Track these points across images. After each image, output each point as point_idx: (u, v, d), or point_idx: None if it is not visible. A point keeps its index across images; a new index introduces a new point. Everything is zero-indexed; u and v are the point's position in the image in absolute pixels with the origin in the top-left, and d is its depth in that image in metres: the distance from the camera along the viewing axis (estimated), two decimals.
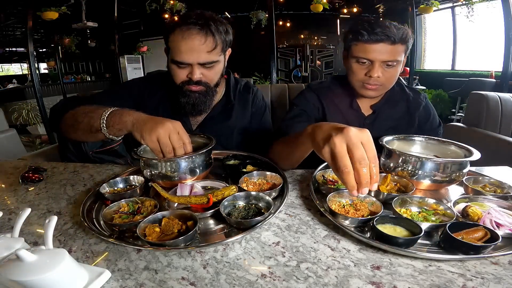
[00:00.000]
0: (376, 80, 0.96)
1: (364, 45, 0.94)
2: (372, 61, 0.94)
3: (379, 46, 0.92)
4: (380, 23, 0.92)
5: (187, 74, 0.96)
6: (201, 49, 0.90)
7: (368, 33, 0.92)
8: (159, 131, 0.72)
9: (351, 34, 0.97)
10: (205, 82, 0.98)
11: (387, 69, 0.96)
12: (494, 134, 1.82)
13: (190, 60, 0.92)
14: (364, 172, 0.52)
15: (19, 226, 0.51)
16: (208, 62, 0.94)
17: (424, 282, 0.47)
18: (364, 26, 0.93)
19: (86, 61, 10.85)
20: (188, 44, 0.89)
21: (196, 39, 0.89)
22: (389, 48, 0.92)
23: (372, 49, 0.93)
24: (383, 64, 0.95)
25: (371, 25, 0.92)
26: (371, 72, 0.95)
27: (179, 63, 0.93)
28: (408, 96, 1.12)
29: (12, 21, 6.97)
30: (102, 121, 0.80)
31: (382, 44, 0.92)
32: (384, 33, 0.90)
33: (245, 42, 8.03)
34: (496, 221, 0.58)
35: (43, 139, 4.38)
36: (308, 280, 0.48)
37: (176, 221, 0.59)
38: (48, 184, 0.87)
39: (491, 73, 5.33)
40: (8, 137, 2.47)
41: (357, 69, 0.99)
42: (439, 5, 5.38)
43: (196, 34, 0.89)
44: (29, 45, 3.90)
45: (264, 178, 0.80)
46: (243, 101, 1.16)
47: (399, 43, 0.92)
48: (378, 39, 0.91)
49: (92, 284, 0.45)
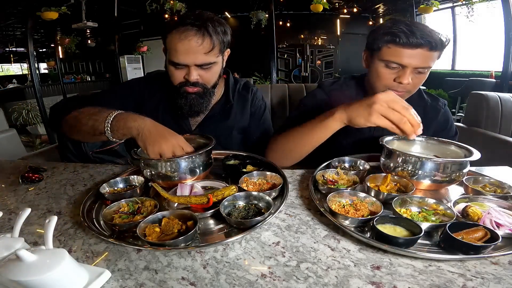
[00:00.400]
0: (404, 87, 0.90)
1: (399, 49, 0.85)
2: (405, 66, 0.87)
3: (416, 52, 0.84)
4: (419, 26, 0.84)
5: (184, 75, 0.95)
6: (198, 50, 0.90)
7: (406, 36, 0.83)
8: (163, 147, 0.74)
9: (385, 35, 0.87)
10: (202, 84, 0.98)
11: (416, 76, 0.89)
12: (494, 134, 1.82)
13: (187, 61, 0.91)
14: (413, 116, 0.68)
15: (19, 226, 0.51)
16: (205, 63, 0.93)
17: (424, 282, 0.47)
18: (402, 28, 0.84)
19: (86, 61, 10.85)
20: (184, 45, 0.88)
21: (193, 40, 0.88)
22: (427, 54, 0.84)
23: (408, 54, 0.85)
24: (414, 70, 0.88)
25: (410, 28, 0.83)
26: (402, 78, 0.88)
27: (176, 64, 0.93)
28: (425, 103, 1.07)
29: (12, 21, 6.96)
30: (107, 125, 0.80)
31: (420, 50, 0.84)
32: (424, 38, 0.82)
33: (245, 42, 8.03)
34: (496, 221, 0.58)
35: (43, 139, 4.38)
36: (308, 280, 0.48)
37: (176, 221, 0.59)
38: (48, 184, 0.87)
39: (491, 73, 5.33)
40: (8, 137, 2.47)
41: (385, 73, 0.91)
42: (439, 5, 5.38)
43: (193, 35, 0.88)
44: (29, 45, 3.91)
45: (264, 178, 0.80)
46: (242, 101, 1.16)
47: (437, 50, 0.85)
48: (418, 44, 0.83)
49: (92, 284, 0.45)
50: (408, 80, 0.87)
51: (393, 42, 0.86)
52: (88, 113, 0.86)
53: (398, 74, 0.89)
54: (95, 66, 10.96)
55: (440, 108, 1.08)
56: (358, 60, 4.50)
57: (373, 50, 0.93)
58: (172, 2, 5.55)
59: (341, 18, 8.38)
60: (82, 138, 0.92)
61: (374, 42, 0.92)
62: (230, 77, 1.18)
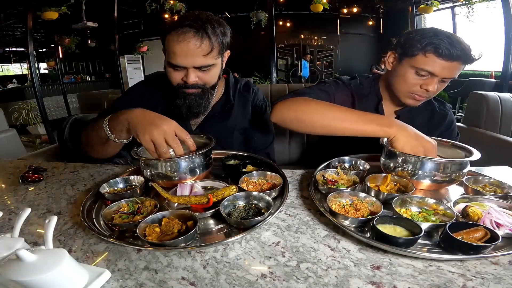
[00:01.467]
0: (427, 93, 0.92)
1: (437, 60, 0.86)
2: (435, 75, 0.89)
3: (452, 64, 0.86)
4: (458, 39, 0.86)
5: (182, 77, 0.95)
6: (196, 53, 0.88)
7: (448, 48, 0.84)
8: (154, 134, 0.72)
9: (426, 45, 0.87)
10: (201, 85, 0.97)
11: (440, 84, 0.92)
12: (494, 134, 1.82)
13: (185, 63, 0.91)
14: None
15: (19, 226, 0.51)
16: (203, 65, 0.92)
17: (424, 282, 0.47)
18: (444, 40, 0.85)
19: (86, 61, 10.84)
20: (183, 47, 0.87)
21: (191, 43, 0.87)
22: (459, 67, 0.87)
23: (443, 65, 0.86)
24: (440, 80, 0.91)
25: (451, 40, 0.84)
26: (429, 86, 0.90)
27: (174, 66, 0.92)
28: (433, 107, 1.10)
29: (12, 21, 6.96)
30: (105, 127, 0.81)
31: (455, 63, 0.86)
32: (464, 52, 0.84)
33: (245, 42, 8.03)
34: (496, 221, 0.58)
35: (43, 139, 4.38)
36: (308, 280, 0.48)
37: (176, 221, 0.59)
38: (48, 184, 0.87)
39: (491, 73, 5.34)
40: (8, 137, 2.47)
41: (413, 79, 0.92)
42: (439, 5, 5.39)
43: (191, 37, 0.87)
44: (29, 45, 3.91)
45: (264, 178, 0.80)
46: (243, 101, 1.16)
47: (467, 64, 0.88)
48: (456, 57, 0.85)
49: (92, 284, 0.45)
50: (435, 88, 0.90)
51: (434, 52, 0.86)
52: (91, 127, 0.89)
53: (426, 81, 0.90)
54: (95, 66, 10.95)
55: (447, 112, 1.10)
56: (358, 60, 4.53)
57: (405, 55, 0.93)
58: (172, 2, 5.55)
59: (341, 18, 8.38)
60: (101, 152, 0.94)
61: (410, 48, 0.91)
62: (230, 77, 1.17)
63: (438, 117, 1.09)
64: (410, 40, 0.91)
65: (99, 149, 0.91)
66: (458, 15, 6.51)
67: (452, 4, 6.44)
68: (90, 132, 0.89)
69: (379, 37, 8.56)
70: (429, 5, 5.21)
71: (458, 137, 1.12)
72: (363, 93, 1.08)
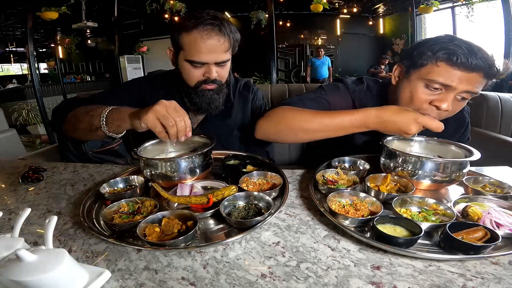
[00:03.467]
0: (439, 113, 0.78)
1: (451, 69, 0.73)
2: (450, 89, 0.74)
3: (470, 76, 0.72)
4: (478, 47, 0.73)
5: (203, 74, 0.96)
6: (219, 49, 0.92)
7: (465, 56, 0.70)
8: (156, 108, 0.72)
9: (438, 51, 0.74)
10: (219, 80, 1.00)
11: (458, 102, 0.77)
12: (494, 134, 1.82)
13: (209, 60, 0.93)
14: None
15: (19, 226, 0.51)
16: (223, 61, 0.95)
17: (424, 282, 0.47)
18: (461, 46, 0.72)
19: (86, 61, 10.84)
20: (208, 45, 0.90)
21: (216, 40, 0.90)
22: (479, 80, 0.73)
23: (460, 76, 0.72)
24: (458, 96, 0.75)
25: (470, 47, 0.72)
26: (442, 102, 0.75)
27: (196, 63, 0.93)
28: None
29: (12, 21, 6.96)
30: (102, 118, 0.81)
31: (475, 74, 0.72)
32: (485, 61, 0.71)
33: (245, 42, 8.01)
34: (496, 221, 0.58)
35: (43, 139, 4.38)
36: (308, 280, 0.48)
37: (176, 221, 0.59)
38: (48, 184, 0.87)
39: None
40: (8, 137, 2.47)
41: (423, 94, 0.78)
42: (439, 5, 5.39)
43: (215, 35, 0.90)
44: (29, 45, 3.91)
45: (264, 178, 0.80)
46: (243, 100, 1.16)
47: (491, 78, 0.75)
48: (475, 67, 0.70)
49: (92, 284, 0.45)
50: (449, 106, 0.75)
51: (447, 60, 0.73)
52: (85, 110, 0.88)
53: (439, 97, 0.76)
54: (95, 66, 10.95)
55: (465, 118, 1.03)
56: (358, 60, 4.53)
57: (414, 65, 0.80)
58: (172, 2, 5.55)
59: (341, 18, 8.38)
60: (80, 135, 0.94)
61: (419, 56, 0.78)
62: (230, 76, 1.18)
63: (455, 123, 1.00)
64: (420, 47, 0.79)
65: (84, 133, 0.90)
66: (458, 15, 6.51)
67: (452, 4, 6.44)
68: (82, 116, 0.88)
69: (379, 37, 8.56)
70: (429, 5, 5.22)
71: (468, 141, 1.03)
72: (368, 101, 0.96)
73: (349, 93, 1.00)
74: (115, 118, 0.81)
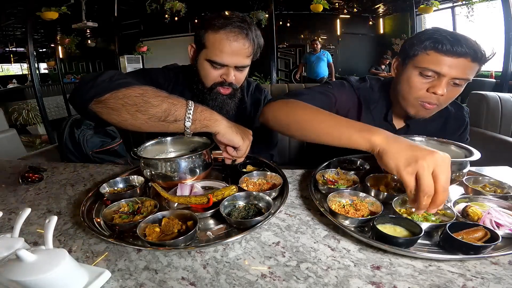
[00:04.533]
0: (437, 98, 0.83)
1: (440, 56, 0.79)
2: (442, 76, 0.80)
3: (458, 61, 0.78)
4: (463, 35, 0.80)
5: (221, 75, 0.95)
6: (243, 53, 0.91)
7: (451, 43, 0.77)
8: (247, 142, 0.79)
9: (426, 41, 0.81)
10: (235, 85, 0.98)
11: (452, 88, 0.83)
12: (494, 134, 1.82)
13: (230, 62, 0.91)
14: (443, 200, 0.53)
15: (19, 226, 0.51)
16: (244, 65, 0.95)
17: (424, 282, 0.47)
18: (446, 35, 0.79)
19: (86, 61, 10.84)
20: (232, 47, 0.89)
21: (241, 43, 0.90)
22: (468, 65, 0.78)
23: (449, 62, 0.78)
24: (450, 81, 0.81)
25: (455, 36, 0.79)
26: (437, 88, 0.80)
27: (216, 63, 0.92)
28: (449, 113, 1.02)
29: (12, 21, 6.96)
30: (188, 112, 0.69)
31: (462, 60, 0.78)
32: (470, 47, 0.77)
33: None
34: (496, 221, 0.58)
35: (43, 139, 4.38)
36: (308, 280, 0.48)
37: (176, 221, 0.59)
38: (48, 184, 0.87)
39: (491, 73, 5.33)
40: (8, 137, 2.47)
41: (418, 83, 0.84)
42: (439, 5, 5.39)
43: (242, 39, 0.89)
44: (29, 45, 3.91)
45: (264, 178, 0.80)
46: (255, 102, 1.17)
47: (479, 62, 0.80)
48: (461, 53, 0.77)
49: (92, 284, 0.45)
50: (443, 91, 0.80)
51: (434, 48, 0.79)
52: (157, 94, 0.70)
53: (433, 83, 0.82)
54: (95, 66, 10.94)
55: (465, 118, 1.04)
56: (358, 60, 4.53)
57: (408, 56, 0.86)
58: (172, 2, 5.55)
59: (341, 18, 8.37)
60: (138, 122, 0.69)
61: (411, 47, 0.85)
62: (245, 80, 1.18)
63: (456, 123, 1.02)
64: (411, 39, 0.86)
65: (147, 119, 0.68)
66: (458, 15, 6.50)
67: (452, 4, 6.44)
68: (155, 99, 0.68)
69: (379, 37, 8.56)
70: (429, 5, 5.21)
71: (467, 141, 1.04)
72: (372, 99, 1.00)
73: (353, 90, 1.01)
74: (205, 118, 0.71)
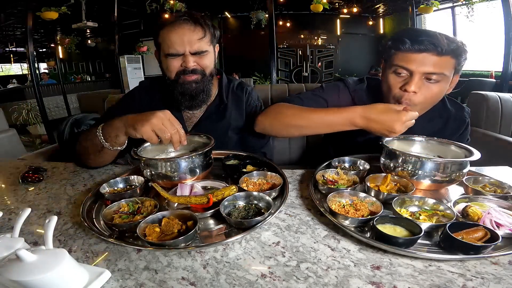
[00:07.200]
0: (411, 96, 0.84)
1: (405, 54, 0.83)
2: (412, 72, 0.83)
3: (422, 56, 0.80)
4: (427, 32, 0.82)
5: (181, 63, 0.98)
6: (192, 37, 0.94)
7: (411, 40, 0.81)
8: (152, 120, 0.75)
9: (392, 41, 0.87)
10: (201, 70, 1.00)
11: (428, 85, 0.84)
12: (494, 134, 1.82)
13: (182, 48, 0.94)
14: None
15: (19, 226, 0.51)
16: (199, 51, 0.97)
17: (424, 282, 0.47)
18: (408, 33, 0.83)
19: (86, 61, 10.84)
20: (178, 33, 0.93)
21: (186, 28, 0.94)
22: (434, 59, 0.80)
23: (413, 58, 0.81)
24: (424, 78, 0.83)
25: (416, 33, 0.83)
26: (408, 85, 0.83)
27: (172, 54, 0.95)
28: (449, 113, 1.02)
29: (12, 21, 6.97)
30: (99, 135, 0.82)
31: (425, 54, 0.80)
32: (430, 42, 0.79)
33: (245, 42, 8.02)
34: (496, 221, 0.58)
35: (43, 139, 4.38)
36: (308, 280, 0.48)
37: (176, 221, 0.59)
38: (48, 184, 0.87)
39: (491, 73, 5.34)
40: (8, 137, 2.47)
41: (393, 81, 0.87)
42: (439, 5, 5.39)
43: (186, 25, 0.94)
44: (29, 45, 3.91)
45: (264, 178, 0.80)
46: (237, 101, 1.16)
47: (448, 55, 0.80)
48: (422, 49, 0.80)
49: (92, 284, 0.45)
50: (413, 88, 0.82)
51: (398, 47, 0.84)
52: (85, 136, 0.90)
53: (406, 81, 0.85)
54: (95, 66, 10.95)
55: (466, 118, 1.04)
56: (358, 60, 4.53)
57: (385, 57, 0.91)
58: (172, 2, 5.55)
59: (341, 18, 8.37)
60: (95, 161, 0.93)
61: (385, 48, 0.90)
62: (223, 77, 1.18)
63: (456, 123, 1.02)
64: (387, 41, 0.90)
65: (95, 158, 0.91)
66: (458, 15, 6.51)
67: (452, 4, 6.44)
68: (85, 142, 0.89)
69: (379, 37, 8.56)
70: (429, 5, 5.21)
71: (468, 142, 1.04)
72: (368, 99, 1.01)
73: (349, 92, 1.04)
74: (110, 131, 0.81)
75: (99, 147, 0.84)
